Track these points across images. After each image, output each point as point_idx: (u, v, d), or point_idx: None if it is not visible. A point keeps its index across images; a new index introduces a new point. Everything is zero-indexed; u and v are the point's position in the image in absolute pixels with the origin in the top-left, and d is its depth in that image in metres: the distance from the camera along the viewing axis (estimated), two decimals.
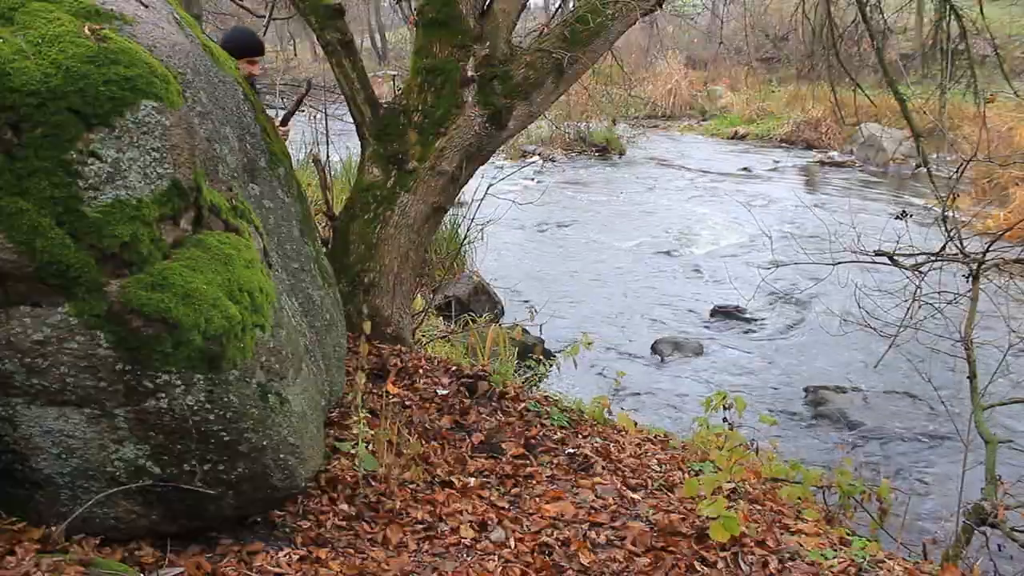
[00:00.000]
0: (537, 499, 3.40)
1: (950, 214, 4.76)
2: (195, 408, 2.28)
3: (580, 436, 4.19)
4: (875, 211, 12.04)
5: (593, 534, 3.16)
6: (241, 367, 2.35)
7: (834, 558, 3.15)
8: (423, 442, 3.64)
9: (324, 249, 4.10)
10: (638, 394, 6.98)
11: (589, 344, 5.60)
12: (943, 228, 4.68)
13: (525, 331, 6.89)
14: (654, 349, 7.92)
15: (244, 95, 3.04)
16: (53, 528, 2.29)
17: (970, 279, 4.54)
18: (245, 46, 4.09)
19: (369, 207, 4.48)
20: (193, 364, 2.24)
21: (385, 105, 4.74)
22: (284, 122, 4.46)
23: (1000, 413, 6.11)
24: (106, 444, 2.27)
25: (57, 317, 2.10)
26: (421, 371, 4.39)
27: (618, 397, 6.55)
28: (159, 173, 2.22)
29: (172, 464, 2.34)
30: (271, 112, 3.75)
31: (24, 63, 2.05)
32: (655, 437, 4.64)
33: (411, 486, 3.28)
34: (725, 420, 4.64)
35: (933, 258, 4.75)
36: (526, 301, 8.92)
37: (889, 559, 3.28)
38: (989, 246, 4.63)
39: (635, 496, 3.57)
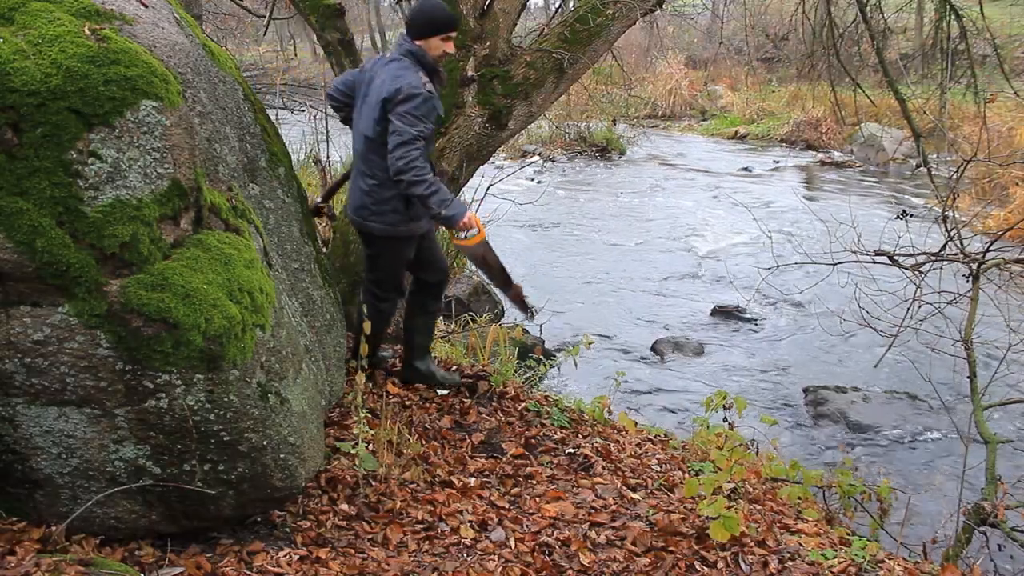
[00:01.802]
0: (537, 499, 3.40)
1: (950, 214, 4.77)
2: (195, 408, 2.28)
3: (580, 436, 4.19)
4: (875, 211, 12.04)
5: (593, 534, 3.16)
6: (241, 367, 2.35)
7: (834, 558, 3.14)
8: (423, 442, 3.64)
9: (324, 249, 4.10)
10: (638, 394, 6.98)
11: (589, 344, 5.59)
12: (943, 228, 4.69)
13: (525, 331, 6.88)
14: (654, 349, 7.92)
15: (244, 95, 3.04)
16: (53, 528, 2.29)
17: (970, 279, 4.55)
18: (443, 21, 3.52)
19: None
20: (193, 364, 2.24)
21: None
22: (324, 200, 4.67)
23: (1000, 413, 6.13)
24: (106, 444, 2.27)
25: (57, 317, 2.11)
26: None
27: (618, 397, 6.55)
28: (159, 173, 2.22)
29: (172, 464, 2.34)
30: (271, 112, 3.75)
31: (24, 63, 2.04)
32: (655, 437, 4.64)
33: (411, 486, 3.28)
34: (725, 420, 4.63)
35: (933, 258, 4.75)
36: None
37: (889, 559, 3.28)
38: (989, 246, 4.64)
39: (635, 496, 3.57)
